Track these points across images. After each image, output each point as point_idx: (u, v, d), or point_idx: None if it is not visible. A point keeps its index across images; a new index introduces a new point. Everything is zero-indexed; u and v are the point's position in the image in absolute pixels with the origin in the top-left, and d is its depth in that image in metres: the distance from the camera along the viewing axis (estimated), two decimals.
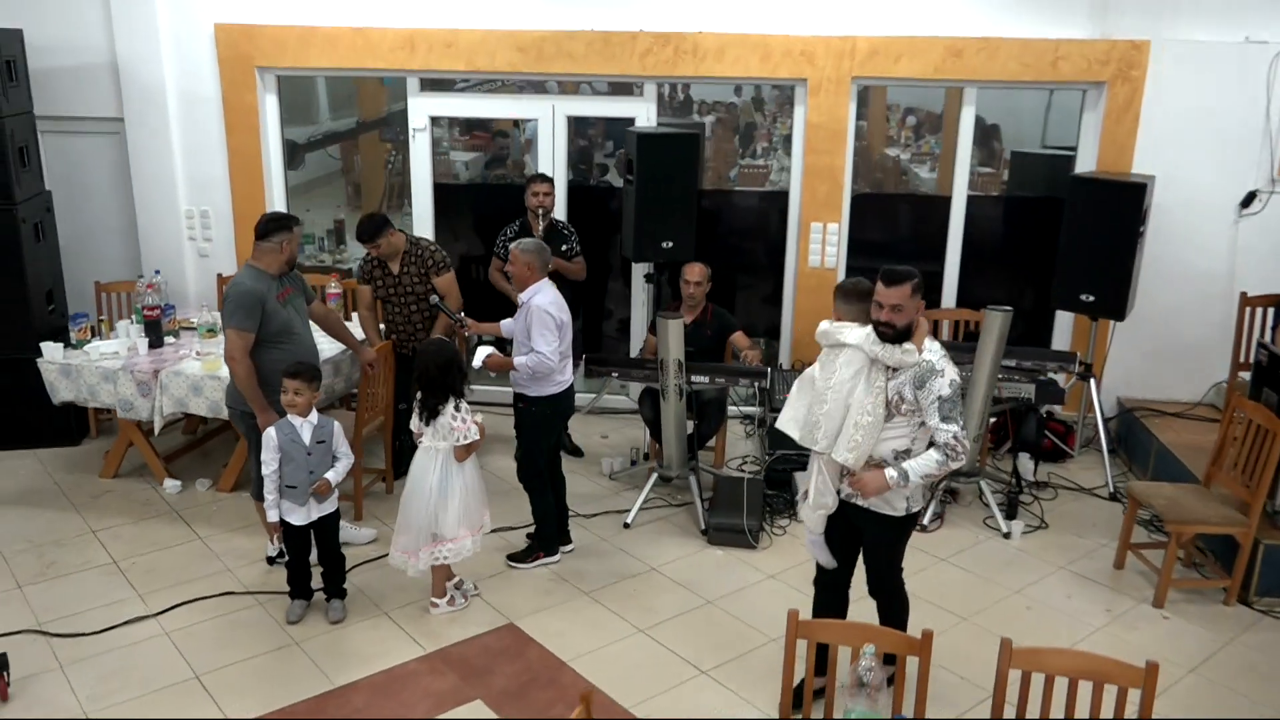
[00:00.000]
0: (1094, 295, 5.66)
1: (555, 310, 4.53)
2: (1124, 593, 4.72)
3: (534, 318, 4.51)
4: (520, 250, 4.56)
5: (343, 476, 4.27)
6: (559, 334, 4.55)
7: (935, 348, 3.37)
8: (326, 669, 4.03)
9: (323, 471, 4.19)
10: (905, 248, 6.91)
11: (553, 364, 4.50)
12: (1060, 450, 6.14)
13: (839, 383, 3.43)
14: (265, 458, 4.15)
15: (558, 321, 4.53)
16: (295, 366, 4.17)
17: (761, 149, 8.91)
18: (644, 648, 4.23)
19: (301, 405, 4.14)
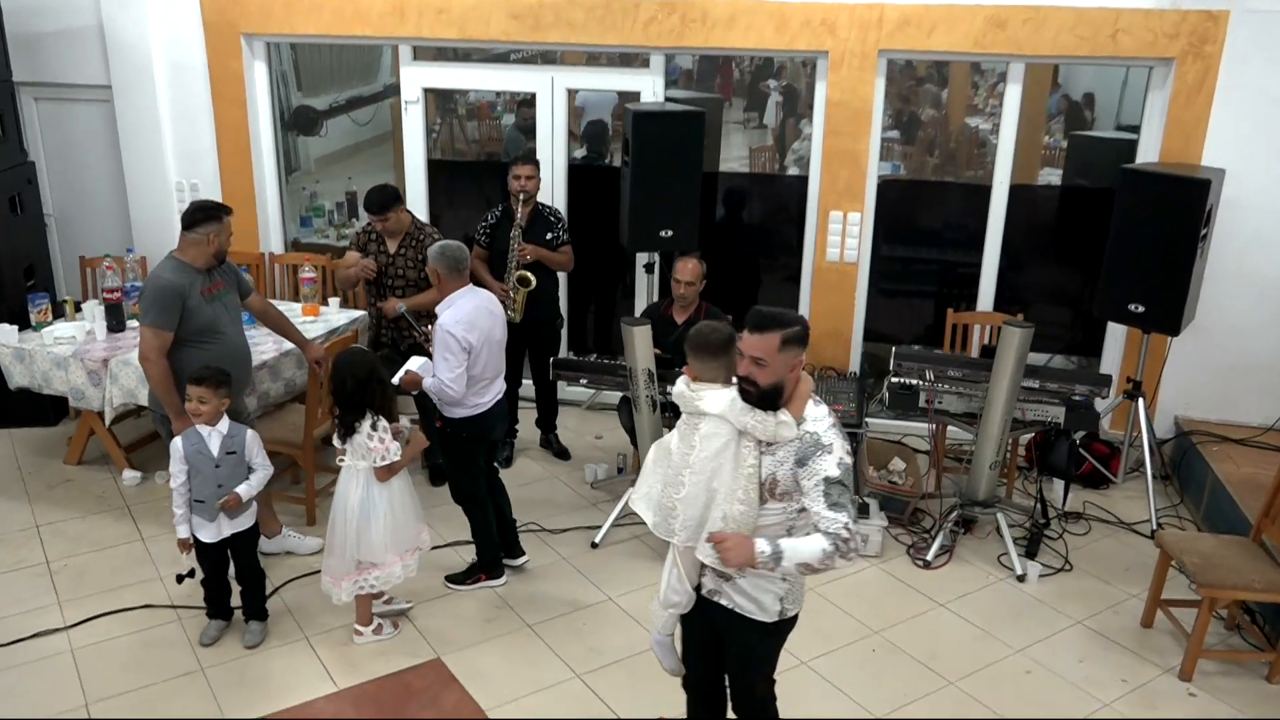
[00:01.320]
0: (1144, 305, 4.94)
1: (461, 331, 3.98)
2: (1147, 658, 4.08)
3: (439, 339, 4.02)
4: (429, 256, 4.09)
5: (256, 490, 3.89)
6: (464, 357, 4.01)
7: (821, 415, 2.69)
8: (224, 703, 3.69)
9: (235, 484, 3.82)
10: (941, 240, 6.23)
11: (452, 392, 4.01)
12: (1102, 476, 5.45)
13: (699, 461, 2.76)
14: (172, 469, 3.81)
15: (463, 344, 3.98)
16: (200, 371, 3.80)
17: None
18: (575, 697, 3.78)
19: (206, 414, 3.77)
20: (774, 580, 2.77)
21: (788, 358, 2.63)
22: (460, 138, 8.07)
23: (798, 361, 2.66)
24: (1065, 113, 7.10)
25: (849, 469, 2.62)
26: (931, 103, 8.18)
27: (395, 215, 5.02)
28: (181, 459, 3.79)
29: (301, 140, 8.14)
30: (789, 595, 2.81)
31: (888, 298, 6.37)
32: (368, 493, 3.83)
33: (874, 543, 4.73)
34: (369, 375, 3.76)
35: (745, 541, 2.59)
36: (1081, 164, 6.21)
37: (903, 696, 3.81)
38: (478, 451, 4.28)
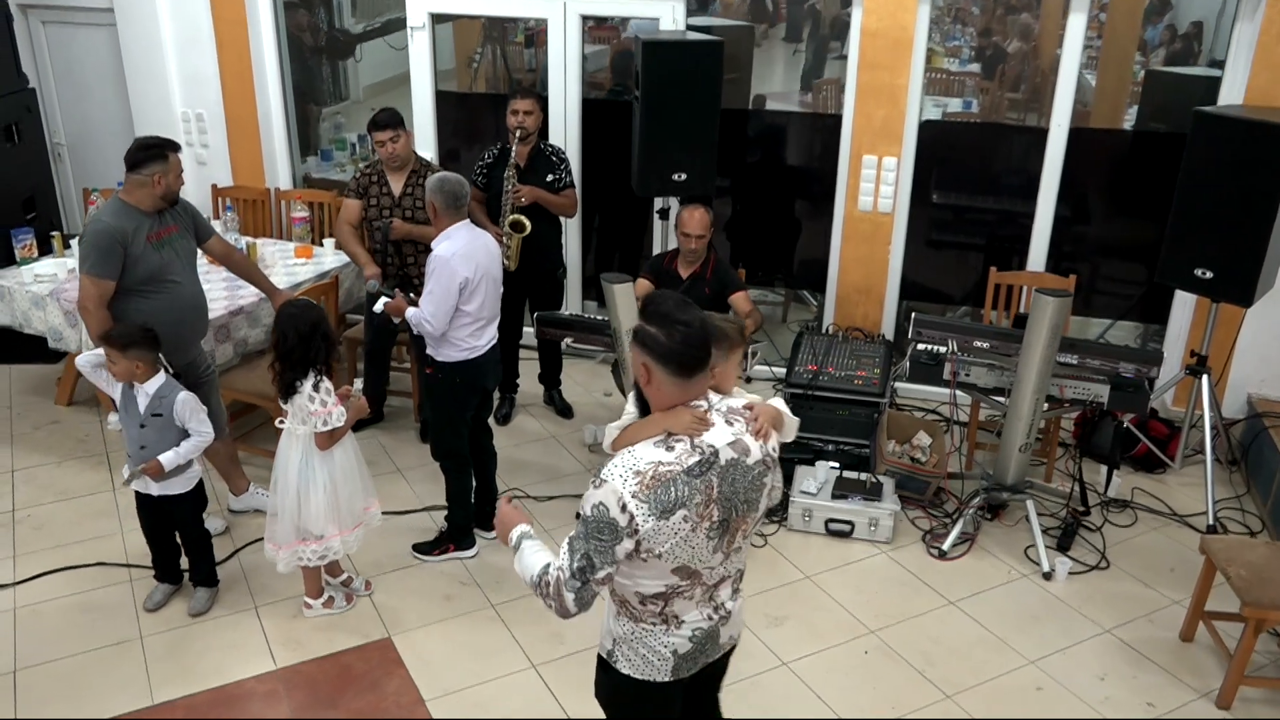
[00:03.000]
0: (1213, 271, 4.31)
1: (461, 264, 3.66)
2: (1182, 679, 3.58)
3: (430, 269, 3.68)
4: (427, 188, 3.72)
5: (182, 459, 3.55)
6: (455, 292, 3.67)
7: (630, 465, 2.08)
8: (154, 677, 3.47)
9: (162, 448, 3.53)
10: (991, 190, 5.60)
11: (431, 328, 3.68)
12: (1157, 458, 4.88)
13: None
14: (112, 418, 3.57)
15: (459, 278, 3.67)
16: (108, 329, 3.52)
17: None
18: (526, 691, 3.47)
19: (119, 374, 3.48)
20: (613, 620, 2.33)
21: (634, 356, 2.16)
22: (503, 71, 7.62)
23: (645, 366, 2.14)
24: (1167, 45, 6.32)
25: (597, 521, 2.08)
26: (1021, 34, 7.45)
27: (405, 137, 4.63)
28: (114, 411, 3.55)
29: (353, 69, 7.83)
30: (620, 646, 2.30)
31: (936, 249, 5.80)
32: (307, 461, 3.54)
33: (884, 528, 4.28)
34: (312, 330, 3.43)
35: (509, 516, 2.36)
36: (1158, 104, 5.49)
37: (888, 709, 3.40)
38: (469, 401, 3.94)
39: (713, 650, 2.35)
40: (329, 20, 7.36)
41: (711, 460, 2.14)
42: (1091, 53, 6.94)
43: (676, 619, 2.25)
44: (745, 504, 2.20)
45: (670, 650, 2.27)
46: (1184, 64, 5.78)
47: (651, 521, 2.07)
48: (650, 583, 2.19)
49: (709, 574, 2.23)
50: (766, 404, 2.32)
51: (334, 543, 3.63)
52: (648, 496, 2.06)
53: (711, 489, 2.13)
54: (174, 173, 3.81)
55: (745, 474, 2.19)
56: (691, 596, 2.24)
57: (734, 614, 2.37)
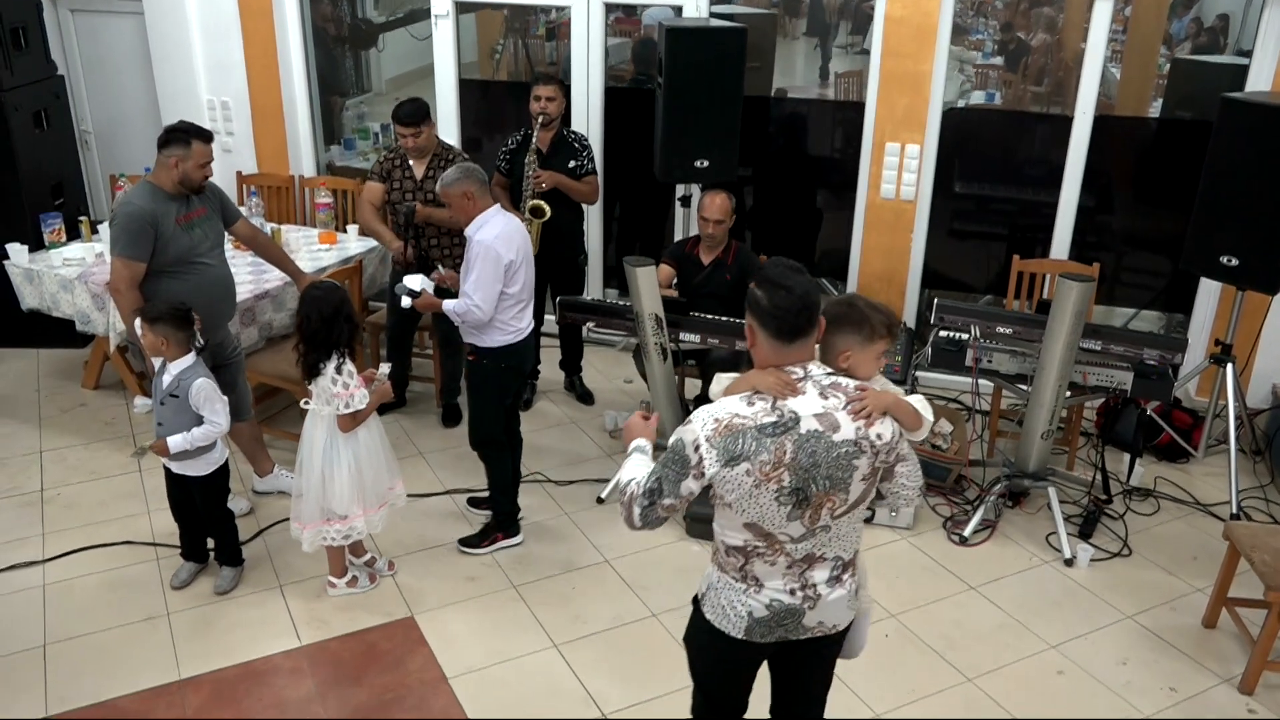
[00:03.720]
0: (1238, 258, 4.29)
1: (504, 247, 3.68)
2: (1204, 665, 3.57)
3: (475, 254, 3.68)
4: (444, 185, 3.71)
5: (195, 444, 3.57)
6: (505, 276, 3.73)
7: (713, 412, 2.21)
8: (182, 653, 3.52)
9: (175, 429, 3.56)
10: (1015, 178, 5.58)
11: (480, 314, 3.70)
12: (1180, 448, 4.86)
13: None
14: (136, 402, 3.62)
15: (504, 261, 3.70)
16: (146, 308, 3.57)
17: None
18: (548, 671, 3.49)
19: (147, 346, 3.55)
20: (711, 565, 2.42)
21: (747, 316, 2.27)
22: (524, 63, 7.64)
23: (751, 329, 2.25)
24: (1193, 37, 6.28)
25: (675, 451, 2.21)
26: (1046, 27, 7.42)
27: (428, 130, 4.68)
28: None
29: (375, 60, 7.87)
30: (710, 591, 2.39)
31: (959, 239, 5.79)
32: (331, 442, 3.57)
33: (905, 514, 4.29)
34: (335, 312, 3.47)
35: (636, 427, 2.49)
36: (1185, 93, 5.46)
37: (909, 692, 3.41)
38: (511, 386, 3.96)
39: (795, 629, 2.34)
40: (352, 10, 7.41)
41: (789, 425, 2.17)
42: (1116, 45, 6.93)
43: (757, 582, 2.30)
44: (828, 480, 2.20)
45: (746, 610, 2.31)
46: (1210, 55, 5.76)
47: (717, 467, 2.16)
48: (730, 533, 2.28)
49: (790, 545, 2.24)
50: (883, 391, 2.29)
51: (358, 523, 3.66)
52: (717, 443, 2.15)
53: (784, 452, 2.16)
54: (195, 160, 3.83)
55: (829, 449, 2.18)
56: (773, 563, 2.27)
57: (829, 601, 2.34)
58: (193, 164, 3.81)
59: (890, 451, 2.26)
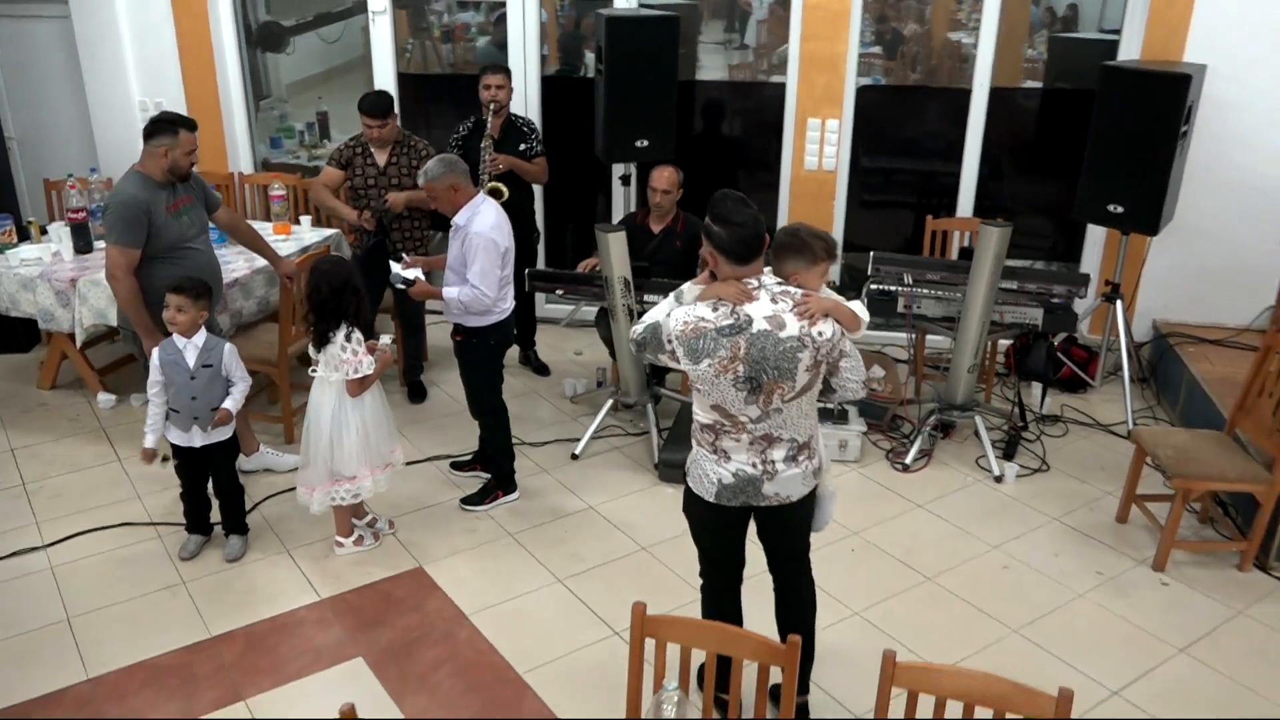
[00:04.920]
0: (1123, 206, 4.90)
1: (500, 236, 3.98)
2: (1122, 551, 4.13)
3: (476, 246, 3.95)
4: (429, 179, 3.96)
5: (240, 403, 3.87)
6: (503, 262, 4.02)
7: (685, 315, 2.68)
8: (207, 614, 3.70)
9: (210, 397, 3.78)
10: (921, 146, 6.15)
11: (488, 300, 3.98)
12: (1080, 379, 5.47)
13: None
14: (150, 378, 3.78)
15: (501, 249, 3.99)
16: (180, 280, 3.74)
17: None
18: (558, 602, 3.81)
19: (183, 324, 3.72)
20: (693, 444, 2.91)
21: (705, 243, 2.71)
22: (435, 60, 7.87)
23: (710, 254, 2.70)
24: (1048, 26, 6.98)
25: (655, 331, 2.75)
26: (915, 17, 8.04)
27: (392, 121, 4.93)
28: (158, 368, 3.76)
29: (273, 65, 7.94)
30: (691, 465, 2.91)
31: (867, 209, 6.31)
32: (340, 406, 3.80)
33: (853, 448, 4.75)
34: (343, 284, 3.71)
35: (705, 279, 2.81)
36: (1063, 67, 6.10)
37: (882, 592, 3.86)
38: (501, 358, 4.26)
39: (755, 496, 2.83)
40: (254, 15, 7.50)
41: (744, 326, 2.63)
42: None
43: (726, 455, 2.80)
44: (776, 370, 2.65)
45: (716, 478, 2.82)
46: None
47: (686, 362, 2.68)
48: (702, 413, 2.79)
49: (750, 425, 2.73)
50: (823, 297, 2.73)
51: (366, 482, 3.90)
52: (684, 341, 2.67)
53: (738, 348, 2.63)
54: (182, 148, 4.00)
55: (776, 344, 2.63)
56: (738, 440, 2.76)
57: (784, 476, 2.81)
58: (180, 151, 3.98)
59: (833, 348, 2.73)
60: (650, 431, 4.82)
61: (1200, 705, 3.31)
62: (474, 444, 4.71)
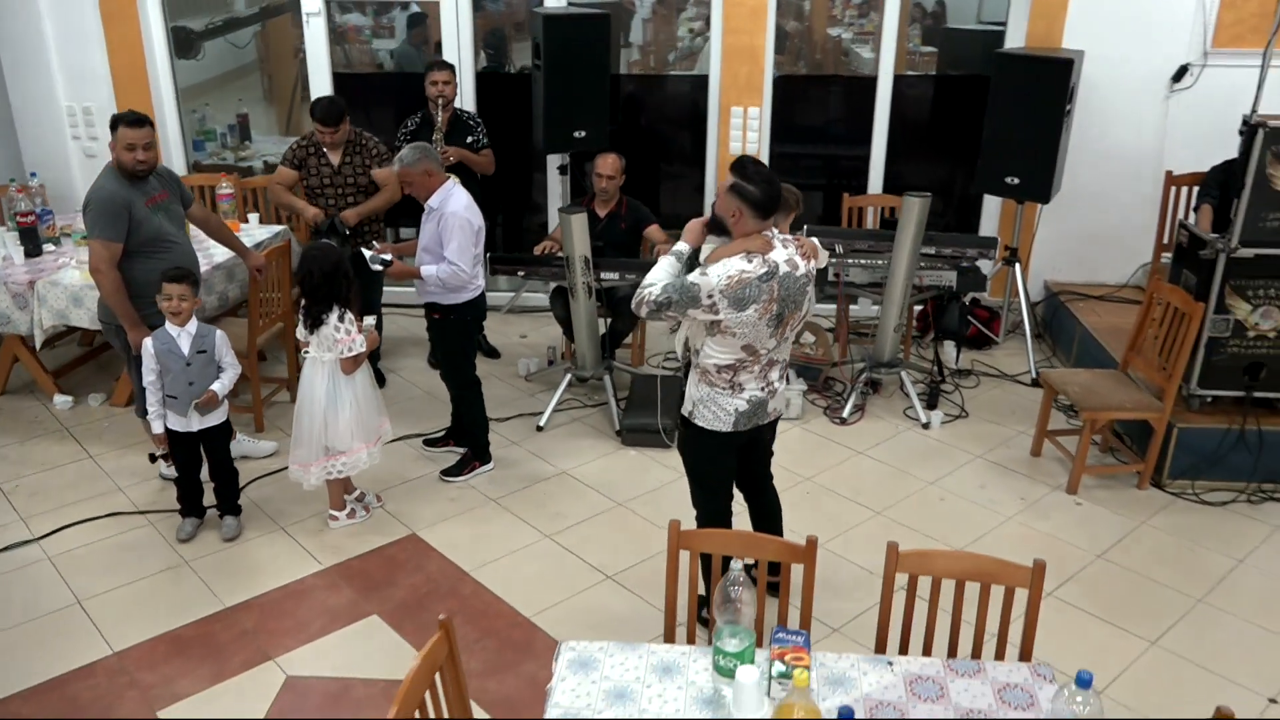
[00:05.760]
0: (1019, 178, 5.48)
1: (473, 215, 4.26)
2: (1039, 480, 4.68)
3: (451, 225, 4.22)
4: (404, 165, 4.22)
5: (229, 387, 4.05)
6: (476, 240, 4.30)
7: (730, 269, 2.98)
8: (217, 589, 3.88)
9: (205, 383, 3.96)
10: (833, 131, 6.66)
11: (465, 275, 4.26)
12: (985, 337, 6.06)
13: None
14: (145, 368, 3.93)
15: (475, 228, 4.27)
16: (176, 271, 3.90)
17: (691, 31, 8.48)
18: (550, 554, 4.12)
19: (186, 312, 3.90)
20: (694, 379, 3.28)
21: (728, 203, 3.05)
22: (338, 61, 8.01)
23: (738, 211, 3.02)
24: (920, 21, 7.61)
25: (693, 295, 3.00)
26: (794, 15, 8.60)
27: (344, 126, 5.09)
28: (153, 357, 3.90)
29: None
30: (700, 405, 3.25)
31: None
32: (334, 384, 4.02)
33: (795, 406, 5.19)
34: (335, 269, 3.93)
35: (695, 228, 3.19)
36: (953, 55, 6.70)
37: (840, 526, 4.30)
38: (474, 333, 4.54)
39: (762, 416, 3.29)
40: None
41: (775, 271, 3.02)
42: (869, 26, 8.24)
43: (740, 387, 3.20)
44: (794, 304, 3.12)
45: (734, 409, 3.22)
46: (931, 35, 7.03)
47: (731, 312, 3.00)
48: (725, 356, 3.14)
49: (765, 354, 3.15)
50: (809, 239, 3.21)
51: (361, 455, 4.13)
52: (729, 294, 2.98)
53: (774, 291, 3.03)
54: (120, 143, 4.04)
55: (795, 283, 3.10)
56: (752, 371, 3.17)
57: (780, 393, 3.34)
58: (119, 147, 4.04)
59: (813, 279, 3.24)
60: (609, 401, 5.15)
61: (1118, 598, 3.85)
62: (440, 423, 4.98)
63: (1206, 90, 5.73)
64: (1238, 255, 4.30)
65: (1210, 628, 3.70)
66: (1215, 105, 5.62)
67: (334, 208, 5.08)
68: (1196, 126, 5.72)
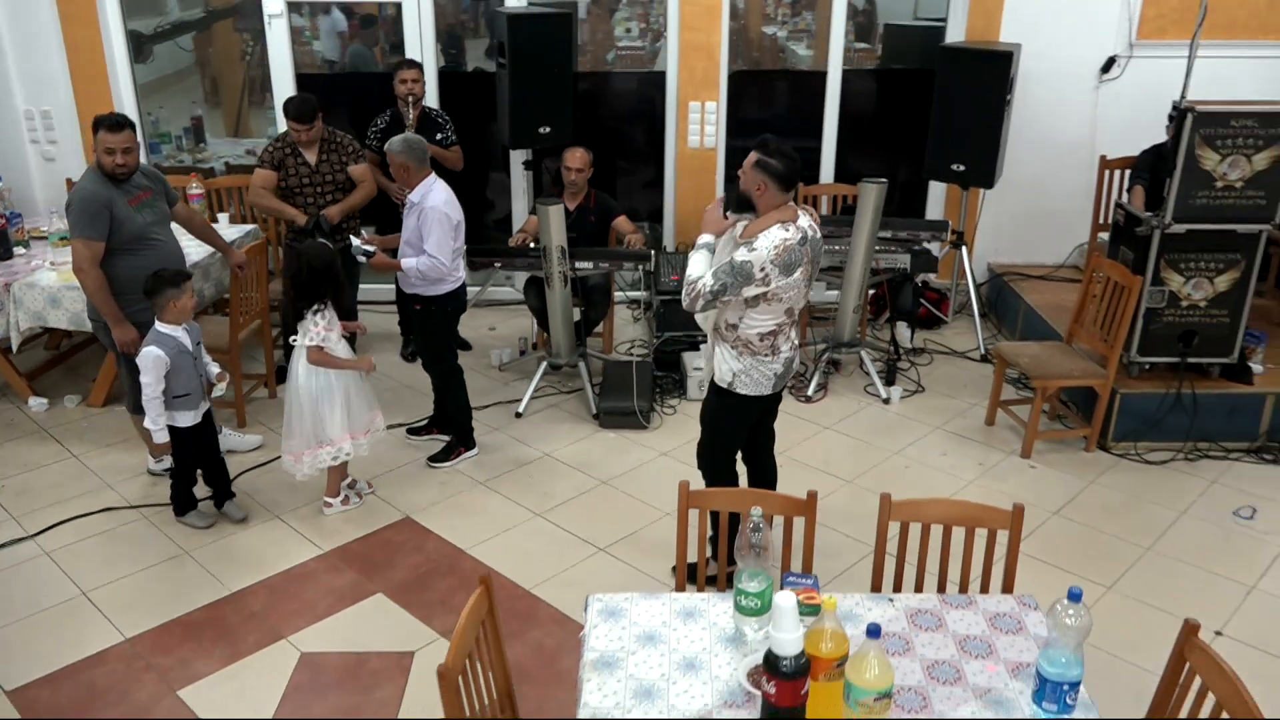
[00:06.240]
0: (965, 165, 5.80)
1: (452, 210, 4.41)
2: (994, 447, 4.99)
3: (430, 220, 4.36)
4: (392, 153, 4.37)
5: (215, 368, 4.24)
6: (455, 234, 4.45)
7: (774, 236, 3.22)
8: (220, 575, 3.98)
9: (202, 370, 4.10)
10: (783, 124, 6.92)
11: (445, 268, 4.40)
12: (935, 317, 6.37)
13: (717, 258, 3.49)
14: (147, 380, 3.94)
15: (454, 222, 4.42)
16: (177, 274, 4.02)
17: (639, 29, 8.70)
18: (542, 531, 4.29)
19: (193, 307, 4.05)
20: (729, 354, 3.48)
21: (756, 177, 3.27)
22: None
23: (764, 185, 3.26)
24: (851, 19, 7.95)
25: (748, 273, 3.22)
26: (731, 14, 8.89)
27: (318, 123, 5.15)
28: (161, 366, 3.94)
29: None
30: (741, 375, 3.48)
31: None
32: (324, 375, 4.13)
33: None
34: (326, 268, 4.05)
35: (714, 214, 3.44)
36: (894, 51, 7.02)
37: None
38: (454, 324, 4.68)
39: (790, 372, 3.58)
40: None
41: (808, 236, 3.32)
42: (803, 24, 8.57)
43: (777, 350, 3.43)
44: (817, 262, 3.47)
45: (773, 372, 3.50)
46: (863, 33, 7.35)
47: (781, 279, 3.26)
48: (769, 323, 3.39)
49: (796, 313, 3.43)
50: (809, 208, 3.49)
51: (345, 445, 4.24)
52: (779, 262, 3.24)
53: (808, 253, 3.31)
54: (101, 147, 4.14)
55: (818, 245, 3.43)
56: (786, 335, 3.45)
57: (798, 349, 3.60)
58: (99, 150, 4.13)
59: None
60: (585, 387, 5.34)
61: (1075, 549, 4.16)
62: (420, 412, 5.12)
63: (1133, 80, 6.12)
64: (1171, 231, 4.64)
65: (1159, 572, 4.03)
66: (1142, 93, 6.01)
67: (313, 206, 5.17)
68: (1125, 113, 6.11)
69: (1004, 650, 2.45)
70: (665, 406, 5.35)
